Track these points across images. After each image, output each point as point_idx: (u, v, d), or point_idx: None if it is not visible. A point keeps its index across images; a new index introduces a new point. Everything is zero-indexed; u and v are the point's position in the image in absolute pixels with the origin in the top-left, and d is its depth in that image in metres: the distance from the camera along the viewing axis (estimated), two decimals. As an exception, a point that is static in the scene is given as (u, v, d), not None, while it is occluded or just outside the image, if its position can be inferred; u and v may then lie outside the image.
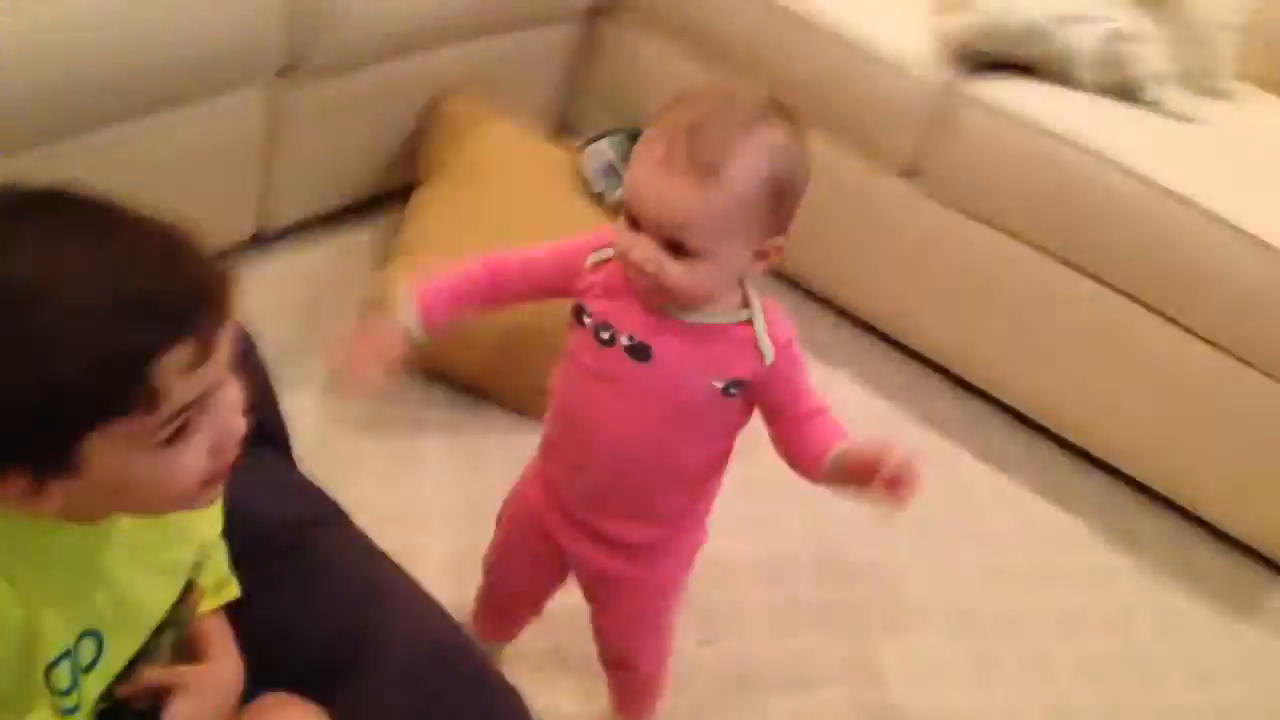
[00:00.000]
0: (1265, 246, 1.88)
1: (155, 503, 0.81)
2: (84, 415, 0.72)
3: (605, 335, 1.16)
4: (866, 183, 2.16)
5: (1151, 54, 2.08)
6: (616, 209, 1.90)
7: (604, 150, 2.05)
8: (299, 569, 1.13)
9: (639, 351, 1.15)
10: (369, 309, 1.19)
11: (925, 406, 2.19)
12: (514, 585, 1.44)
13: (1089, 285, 2.02)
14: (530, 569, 1.39)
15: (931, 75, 2.07)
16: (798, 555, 1.84)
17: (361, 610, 1.11)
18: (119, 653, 0.86)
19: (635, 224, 1.09)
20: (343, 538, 1.20)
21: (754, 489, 1.54)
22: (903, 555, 1.89)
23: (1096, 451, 2.14)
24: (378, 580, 1.15)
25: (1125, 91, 2.08)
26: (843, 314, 2.30)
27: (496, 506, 1.59)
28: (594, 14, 2.36)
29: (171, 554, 0.91)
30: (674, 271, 1.08)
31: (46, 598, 0.79)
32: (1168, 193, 1.92)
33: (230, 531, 1.00)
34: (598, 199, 2.02)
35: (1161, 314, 1.98)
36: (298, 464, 1.29)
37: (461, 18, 2.09)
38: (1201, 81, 2.20)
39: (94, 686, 0.84)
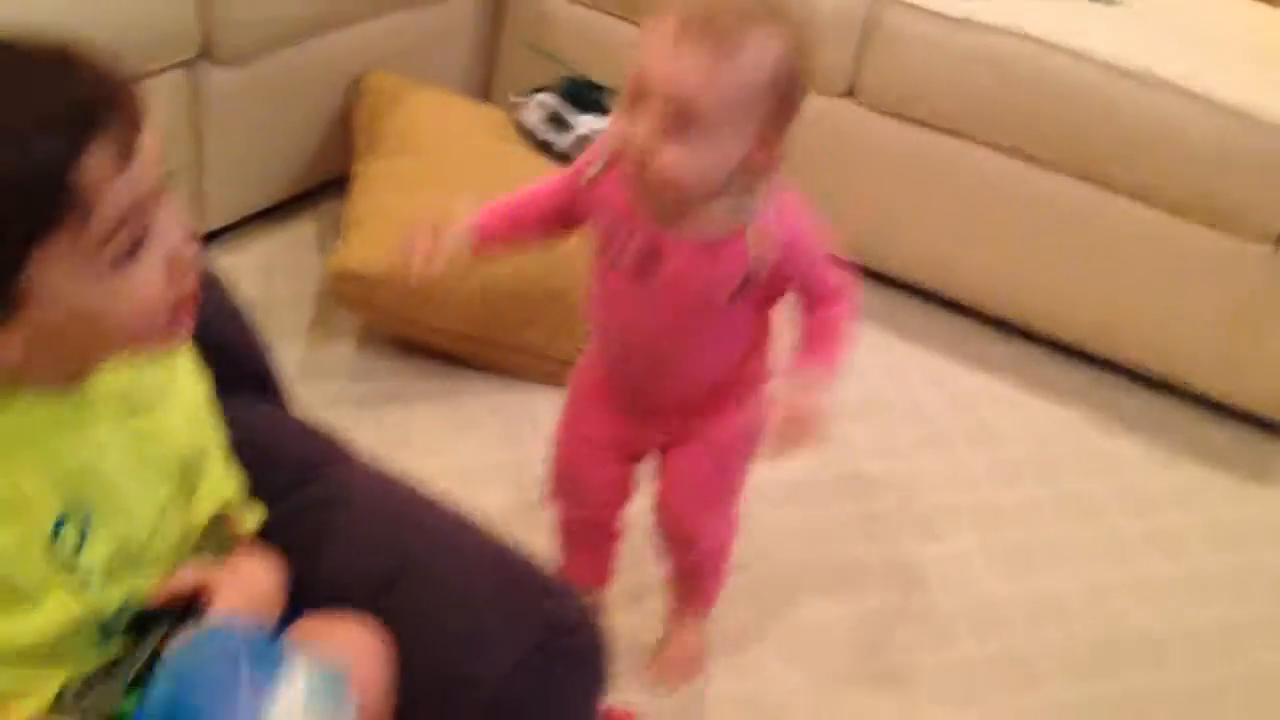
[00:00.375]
0: (1213, 104, 1.88)
1: (121, 333, 0.77)
2: (17, 234, 0.70)
3: (614, 256, 1.18)
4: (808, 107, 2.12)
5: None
6: (566, 156, 1.86)
7: (546, 101, 2.00)
8: (321, 498, 1.05)
9: (646, 268, 1.17)
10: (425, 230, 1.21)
11: (902, 324, 2.15)
12: (582, 485, 1.40)
13: (1040, 173, 2.01)
14: (594, 458, 1.37)
15: (859, -11, 2.05)
16: (816, 475, 1.79)
17: (397, 526, 1.04)
18: (112, 534, 0.81)
19: (636, 100, 1.07)
20: (360, 469, 1.12)
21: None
22: (919, 464, 1.85)
23: (1082, 343, 2.12)
24: (409, 499, 1.08)
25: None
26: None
27: (496, 468, 1.52)
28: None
29: (152, 448, 0.85)
30: (669, 154, 1.06)
31: (30, 472, 0.77)
32: (1108, 66, 1.93)
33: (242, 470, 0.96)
34: (544, 148, 1.96)
35: (1118, 189, 1.97)
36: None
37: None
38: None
39: (97, 564, 0.80)
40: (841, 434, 1.83)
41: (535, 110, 1.99)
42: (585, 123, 1.96)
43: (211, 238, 1.98)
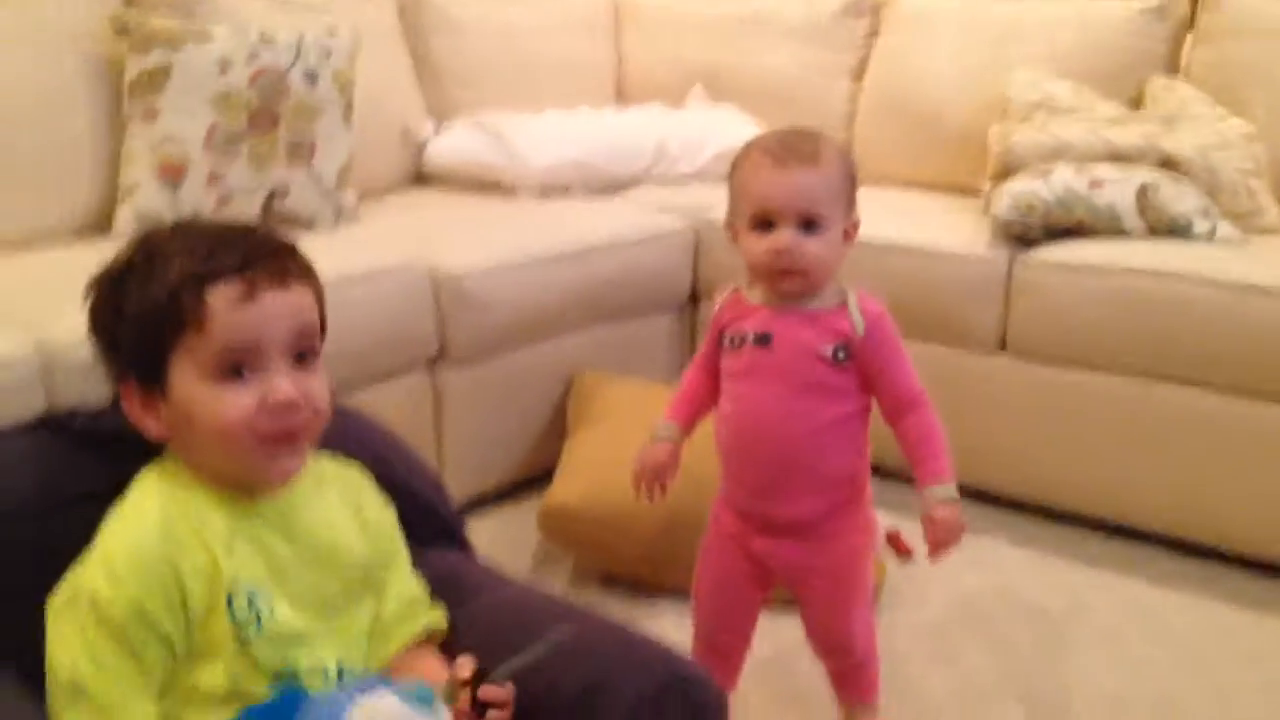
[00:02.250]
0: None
1: (215, 438, 1.02)
2: (167, 328, 1.01)
3: (737, 341, 1.50)
4: (964, 366, 2.36)
5: (1189, 195, 2.31)
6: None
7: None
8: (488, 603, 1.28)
9: (762, 339, 1.48)
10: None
11: (1076, 553, 2.26)
12: (721, 608, 1.61)
13: (1182, 391, 2.15)
14: (733, 586, 1.60)
15: (996, 255, 2.32)
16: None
17: (541, 609, 1.24)
18: (276, 613, 1.04)
19: (766, 224, 1.43)
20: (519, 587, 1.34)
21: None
22: (1087, 656, 1.90)
23: (1258, 553, 2.15)
24: (554, 601, 1.29)
25: (1176, 230, 2.29)
26: (983, 495, 2.41)
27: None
28: (694, 300, 2.70)
29: (322, 555, 1.10)
30: (811, 247, 1.42)
31: (218, 551, 1.02)
32: (1244, 287, 2.08)
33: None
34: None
35: (1264, 397, 2.08)
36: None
37: (581, 309, 2.45)
38: (1247, 221, 2.40)
39: (264, 633, 1.03)
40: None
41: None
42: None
43: (450, 517, 2.32)
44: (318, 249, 2.31)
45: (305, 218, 2.40)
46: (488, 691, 1.05)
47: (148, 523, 1.01)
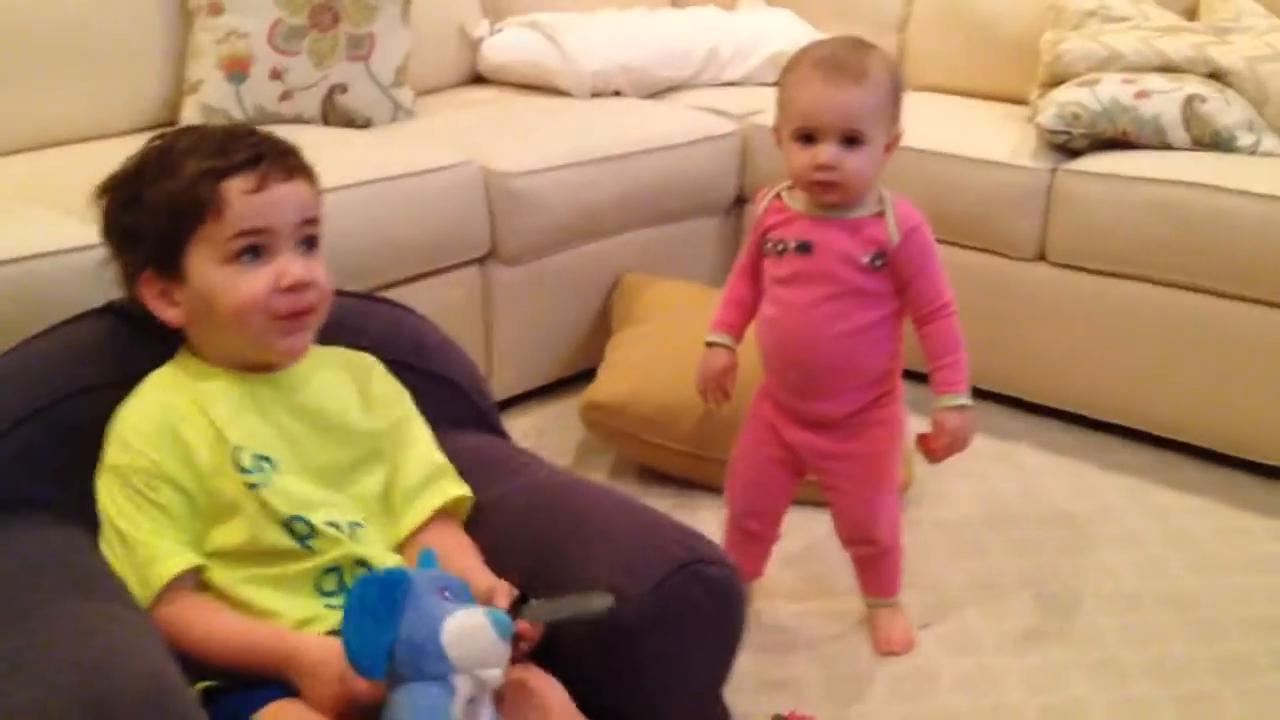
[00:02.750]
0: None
1: (232, 318, 1.15)
2: (186, 217, 1.15)
3: (780, 248, 1.59)
4: (1002, 274, 2.40)
5: (1235, 107, 2.32)
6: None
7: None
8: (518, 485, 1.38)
9: (804, 248, 1.57)
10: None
11: (1102, 458, 2.33)
12: (753, 492, 1.73)
13: (1217, 303, 2.19)
14: (767, 472, 1.71)
15: (1039, 165, 2.34)
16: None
17: (568, 493, 1.35)
18: (286, 475, 1.18)
19: (810, 138, 1.50)
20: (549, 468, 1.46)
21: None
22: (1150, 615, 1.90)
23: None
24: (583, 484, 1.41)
25: (1220, 143, 2.30)
26: (1016, 401, 2.47)
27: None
28: (740, 203, 2.75)
29: (329, 427, 1.24)
30: (852, 161, 1.49)
31: (224, 421, 1.18)
32: (1272, 198, 2.10)
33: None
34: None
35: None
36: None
37: (628, 211, 2.51)
38: (1292, 135, 2.40)
39: (276, 489, 1.16)
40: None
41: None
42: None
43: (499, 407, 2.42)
44: (374, 145, 2.41)
45: (363, 114, 2.47)
46: (521, 627, 1.11)
47: (147, 403, 1.18)
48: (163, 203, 1.15)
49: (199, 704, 1.03)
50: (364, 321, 1.43)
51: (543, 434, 2.37)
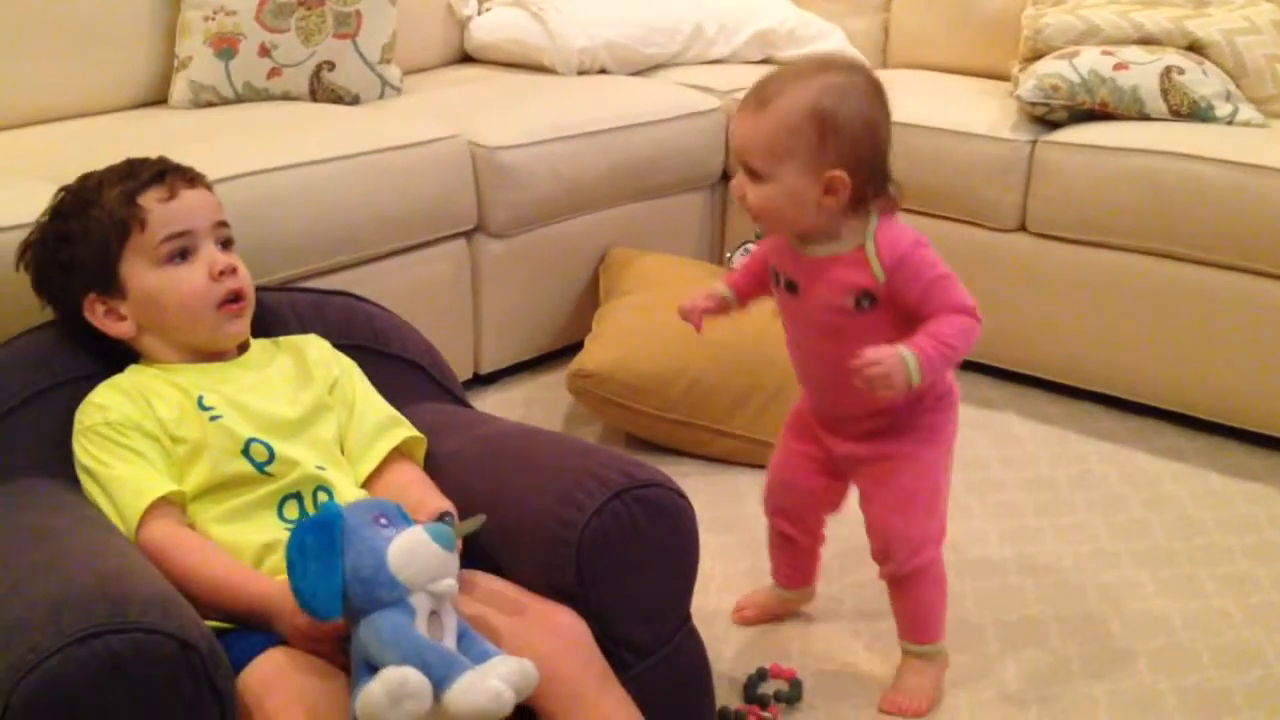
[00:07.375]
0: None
1: (180, 313, 1.31)
2: (114, 240, 1.30)
3: (776, 279, 1.50)
4: (983, 244, 2.43)
5: (1212, 78, 2.35)
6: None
7: (751, 247, 2.38)
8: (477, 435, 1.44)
9: (791, 287, 1.47)
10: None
11: (1084, 426, 2.36)
12: (782, 493, 1.66)
13: (1196, 270, 2.22)
14: (796, 468, 1.62)
15: (1019, 136, 2.37)
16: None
17: (518, 438, 1.42)
18: (243, 421, 1.28)
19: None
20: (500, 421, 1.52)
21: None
22: (1128, 573, 1.92)
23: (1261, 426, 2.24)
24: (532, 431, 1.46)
25: (1198, 114, 2.33)
26: (998, 372, 2.50)
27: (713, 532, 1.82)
28: (725, 178, 2.77)
29: (277, 385, 1.35)
30: (751, 195, 1.39)
31: (184, 384, 1.31)
32: (1259, 168, 2.12)
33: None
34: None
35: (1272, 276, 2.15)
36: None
37: (615, 185, 2.53)
38: (1271, 105, 2.43)
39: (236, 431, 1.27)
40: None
41: (742, 256, 2.39)
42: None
43: (485, 381, 2.45)
44: (363, 119, 2.43)
45: (351, 91, 2.49)
46: None
47: (116, 378, 1.32)
48: (91, 229, 1.31)
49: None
50: (321, 313, 1.54)
51: (530, 405, 2.39)
